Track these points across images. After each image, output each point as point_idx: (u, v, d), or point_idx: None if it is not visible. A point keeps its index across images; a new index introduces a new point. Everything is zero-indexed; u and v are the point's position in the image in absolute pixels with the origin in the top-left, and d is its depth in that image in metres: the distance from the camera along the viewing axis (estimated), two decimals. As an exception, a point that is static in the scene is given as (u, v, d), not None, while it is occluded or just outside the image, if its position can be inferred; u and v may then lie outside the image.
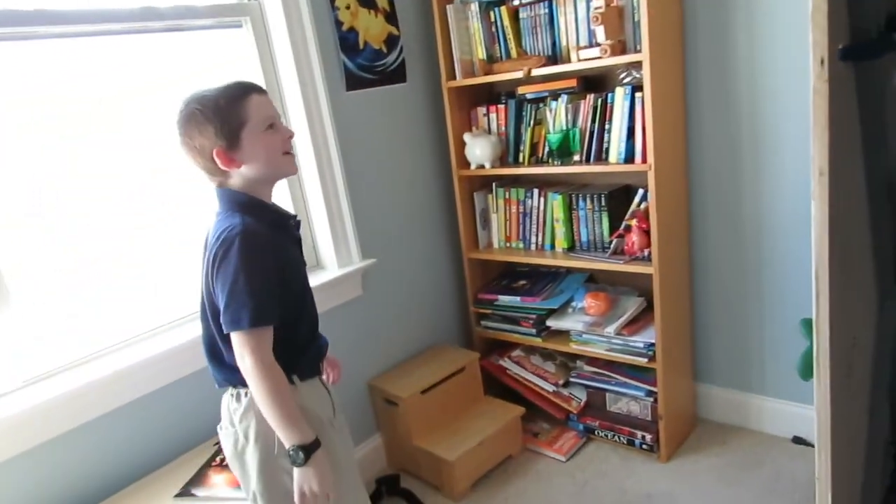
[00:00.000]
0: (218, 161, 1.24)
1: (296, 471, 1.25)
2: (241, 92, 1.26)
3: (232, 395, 1.35)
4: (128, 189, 1.82)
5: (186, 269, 1.86)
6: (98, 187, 1.76)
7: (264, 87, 1.26)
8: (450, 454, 2.20)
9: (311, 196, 2.21)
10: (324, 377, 1.54)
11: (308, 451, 1.23)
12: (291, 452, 1.23)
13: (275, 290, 1.24)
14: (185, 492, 1.64)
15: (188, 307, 1.88)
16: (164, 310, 1.89)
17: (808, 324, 1.11)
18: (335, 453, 1.35)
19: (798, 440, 2.26)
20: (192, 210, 1.90)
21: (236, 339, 1.22)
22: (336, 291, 2.25)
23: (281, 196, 2.16)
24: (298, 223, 1.43)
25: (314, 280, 2.15)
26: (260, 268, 1.22)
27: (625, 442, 2.36)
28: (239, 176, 1.28)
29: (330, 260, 2.26)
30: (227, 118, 1.23)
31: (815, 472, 0.99)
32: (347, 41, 2.19)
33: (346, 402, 2.23)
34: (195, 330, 1.52)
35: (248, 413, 1.31)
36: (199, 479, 1.67)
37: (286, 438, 1.24)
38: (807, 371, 1.08)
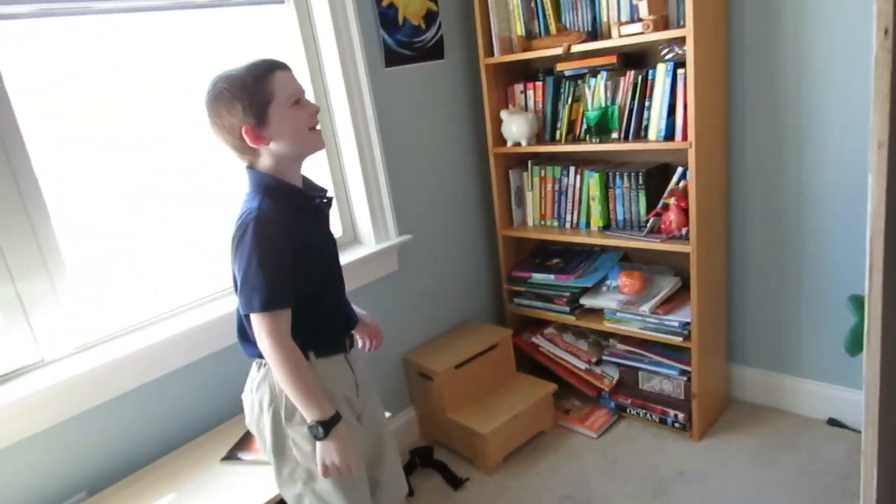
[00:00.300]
0: (247, 139, 1.25)
1: (318, 444, 1.29)
2: (267, 69, 1.26)
3: (255, 365, 1.40)
4: (180, 162, 1.86)
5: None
6: (148, 161, 1.81)
7: (305, 63, 1.27)
8: (483, 427, 2.23)
9: (350, 172, 2.24)
10: (361, 345, 1.59)
11: (327, 426, 1.27)
12: (312, 428, 1.27)
13: (287, 274, 1.25)
14: (231, 455, 1.70)
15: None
16: (212, 280, 1.94)
17: (856, 300, 1.11)
18: None
19: (833, 422, 2.24)
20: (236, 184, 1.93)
21: (254, 320, 1.26)
22: (373, 266, 2.28)
23: (319, 172, 2.19)
24: (329, 201, 1.43)
25: (351, 255, 2.20)
26: (272, 253, 1.24)
27: (657, 420, 2.37)
28: (268, 154, 1.29)
29: (367, 235, 2.29)
30: (254, 95, 1.24)
31: (861, 448, 1.00)
32: (387, 17, 2.20)
33: (380, 375, 2.30)
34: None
35: (263, 383, 1.36)
36: (244, 443, 1.73)
37: (307, 415, 1.28)
38: (855, 347, 1.07)
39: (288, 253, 1.26)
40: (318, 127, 1.34)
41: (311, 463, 1.34)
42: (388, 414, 1.66)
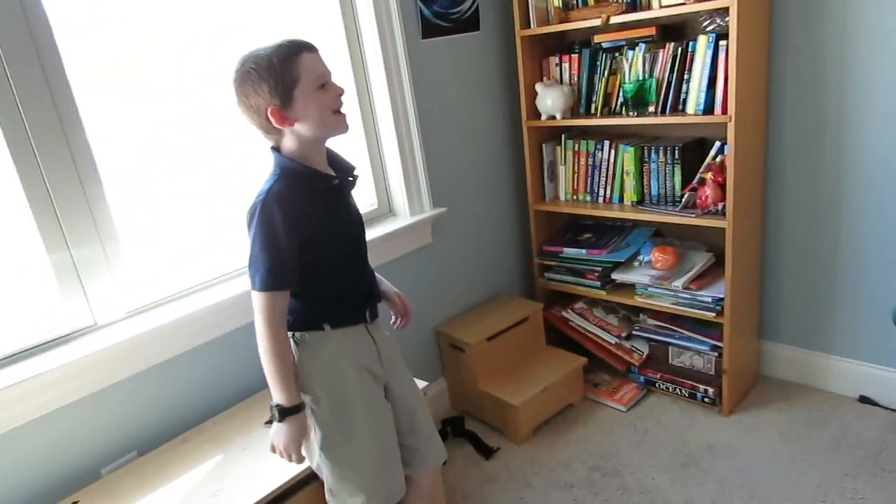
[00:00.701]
0: (272, 119, 1.27)
1: (273, 424, 1.36)
2: (294, 50, 1.27)
3: None
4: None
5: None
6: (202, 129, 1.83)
7: (344, 33, 1.26)
8: (514, 399, 2.27)
9: (387, 145, 2.25)
10: (392, 321, 1.63)
11: (284, 413, 1.33)
12: (272, 407, 1.35)
13: (288, 257, 1.29)
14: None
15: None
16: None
17: (907, 274, 1.11)
18: (350, 403, 1.41)
19: (864, 399, 2.25)
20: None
21: (252, 297, 1.32)
22: (407, 239, 2.31)
23: (356, 146, 2.21)
24: (353, 180, 1.45)
25: (386, 227, 2.23)
26: (275, 235, 1.27)
27: (686, 395, 2.39)
28: (292, 135, 1.32)
29: (402, 208, 2.31)
30: (280, 77, 1.25)
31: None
32: (424, -12, 2.19)
33: (412, 346, 2.33)
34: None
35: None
36: (286, 408, 1.78)
37: (274, 395, 1.34)
38: (905, 320, 1.08)
39: (294, 236, 1.29)
40: (342, 110, 1.35)
41: (322, 432, 1.40)
42: (421, 384, 1.70)
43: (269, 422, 1.73)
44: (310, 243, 1.33)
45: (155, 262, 1.80)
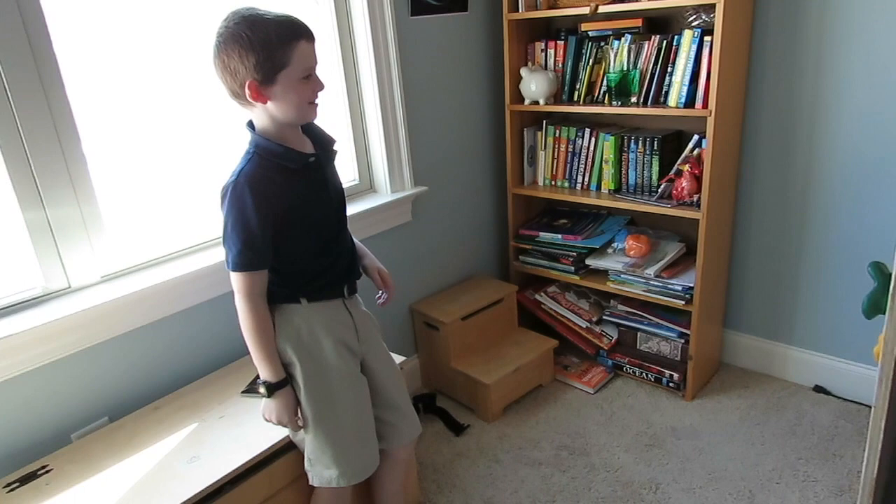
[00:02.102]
0: (247, 92, 1.25)
1: (263, 400, 1.41)
2: (294, 34, 1.25)
3: None
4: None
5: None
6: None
7: (332, 5, 1.24)
8: (487, 378, 2.31)
9: (371, 120, 2.24)
10: (377, 297, 1.63)
11: (271, 388, 1.38)
12: (259, 384, 1.39)
13: (260, 237, 1.30)
14: (251, 389, 1.75)
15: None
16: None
17: (876, 266, 1.17)
18: (326, 373, 1.43)
19: (819, 389, 2.36)
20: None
21: (230, 276, 1.34)
22: (387, 216, 2.31)
23: (340, 120, 2.19)
24: (331, 154, 1.45)
25: (366, 203, 2.22)
26: (247, 216, 1.28)
27: (652, 379, 2.46)
28: (262, 110, 1.30)
29: (383, 185, 2.31)
30: (272, 55, 1.23)
31: (873, 400, 1.07)
32: (415, -36, 2.17)
33: (387, 323, 2.34)
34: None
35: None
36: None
37: (261, 372, 1.39)
38: (872, 310, 1.14)
39: (266, 216, 1.29)
40: (317, 101, 1.34)
41: (300, 399, 1.43)
42: (396, 360, 1.71)
43: (246, 391, 1.75)
44: (283, 222, 1.33)
45: (133, 227, 1.77)
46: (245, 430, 1.58)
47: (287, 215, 1.33)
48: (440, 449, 2.23)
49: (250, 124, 1.36)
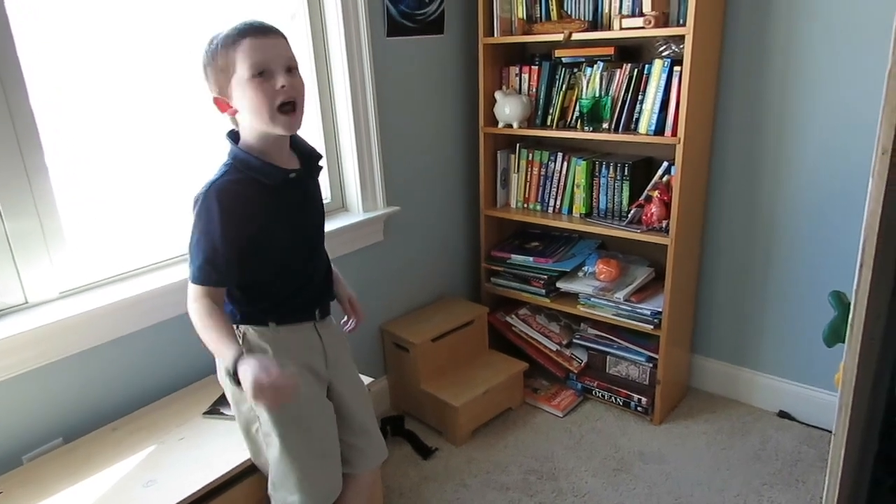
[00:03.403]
0: (216, 107, 1.28)
1: (243, 387, 1.21)
2: (237, 35, 1.20)
3: None
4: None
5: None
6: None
7: (308, 24, 1.19)
8: (455, 400, 2.29)
9: (344, 139, 2.23)
10: (344, 322, 1.60)
11: (231, 372, 1.20)
12: (228, 376, 1.23)
13: (222, 254, 1.24)
14: (213, 410, 1.71)
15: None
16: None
17: (836, 296, 1.19)
18: (296, 401, 1.31)
19: (783, 414, 2.39)
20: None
21: (188, 286, 1.29)
22: (358, 235, 2.30)
23: (313, 138, 2.18)
24: (314, 170, 1.40)
25: (338, 222, 2.21)
26: (212, 231, 1.23)
27: (620, 403, 2.47)
28: (241, 121, 1.29)
29: (355, 204, 2.30)
30: (219, 63, 1.22)
31: (834, 428, 1.08)
32: (392, -14, 2.19)
33: (357, 343, 2.31)
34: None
35: None
36: (225, 399, 1.73)
37: (222, 357, 1.25)
38: (832, 338, 1.16)
39: (234, 233, 1.25)
40: (288, 109, 1.23)
41: (265, 421, 1.36)
42: (364, 381, 1.69)
43: (209, 412, 1.70)
44: (253, 241, 1.29)
45: (95, 242, 1.73)
46: (205, 452, 1.54)
47: (257, 235, 1.29)
48: (407, 472, 2.19)
49: (231, 135, 1.33)
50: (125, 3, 1.69)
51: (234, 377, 1.20)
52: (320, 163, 1.43)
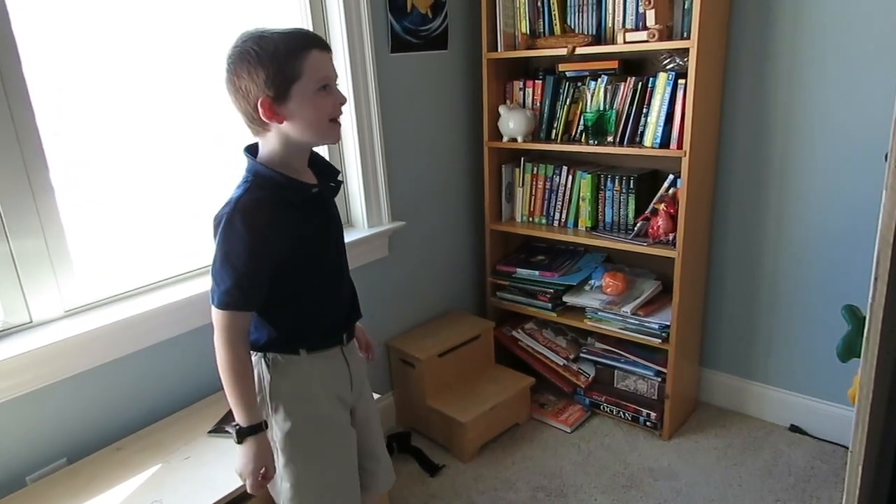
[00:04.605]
0: (261, 110, 1.17)
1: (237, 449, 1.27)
2: (304, 44, 1.18)
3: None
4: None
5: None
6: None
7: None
8: (462, 416, 2.27)
9: (349, 155, 2.23)
10: (355, 346, 1.52)
11: (243, 434, 1.25)
12: (232, 429, 1.27)
13: (254, 276, 1.21)
14: (218, 429, 1.69)
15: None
16: (207, 253, 1.91)
17: (849, 309, 1.18)
18: (320, 430, 1.35)
19: (795, 429, 2.36)
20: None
21: (212, 312, 1.23)
22: (363, 250, 2.29)
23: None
24: (335, 186, 1.36)
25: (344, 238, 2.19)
26: (240, 252, 1.18)
27: (629, 418, 2.44)
28: (277, 132, 1.22)
29: (360, 219, 2.29)
30: (282, 67, 1.15)
31: (850, 444, 1.06)
32: (396, 2, 2.20)
33: (370, 366, 2.29)
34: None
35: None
36: (231, 417, 1.71)
37: (236, 416, 1.26)
38: (847, 353, 1.14)
39: (263, 254, 1.20)
40: (339, 120, 1.26)
41: (287, 454, 1.33)
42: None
43: (214, 430, 1.69)
44: (282, 261, 1.23)
45: (100, 261, 1.72)
46: (211, 471, 1.53)
47: (287, 253, 1.24)
48: (413, 490, 2.17)
49: (249, 149, 1.27)
50: (132, 18, 1.70)
51: (238, 435, 1.24)
52: (338, 178, 1.39)
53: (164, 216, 1.84)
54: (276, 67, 1.16)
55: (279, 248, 1.23)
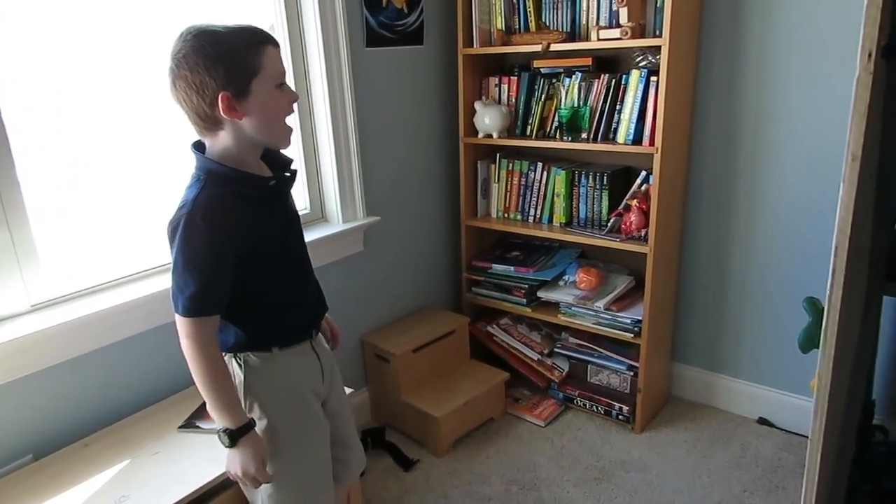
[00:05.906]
0: (221, 106, 1.13)
1: (227, 451, 1.25)
2: (259, 40, 1.16)
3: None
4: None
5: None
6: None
7: (286, 33, 1.18)
8: (436, 411, 2.27)
9: (323, 149, 2.23)
10: (322, 339, 1.52)
11: (235, 436, 1.22)
12: (220, 434, 1.24)
13: (217, 278, 1.18)
14: (189, 424, 1.68)
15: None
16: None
17: (811, 302, 1.21)
18: (297, 426, 1.34)
19: (763, 421, 2.40)
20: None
21: (177, 321, 1.20)
22: (338, 245, 2.28)
23: (291, 148, 2.16)
24: (291, 176, 1.33)
25: (318, 233, 2.19)
26: (202, 255, 1.15)
27: (602, 412, 2.47)
28: (231, 130, 1.18)
29: (335, 214, 2.28)
30: (242, 63, 1.13)
31: (810, 433, 1.09)
32: (371, -3, 2.20)
33: (337, 356, 2.28)
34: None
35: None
36: (202, 412, 1.71)
37: (217, 420, 1.24)
38: (807, 344, 1.17)
39: (225, 254, 1.17)
40: (290, 124, 1.25)
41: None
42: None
43: (184, 426, 1.67)
44: (245, 259, 1.20)
45: (67, 254, 1.69)
46: (181, 466, 1.51)
47: (249, 250, 1.21)
48: (388, 485, 2.17)
49: (197, 146, 1.23)
50: (96, 12, 1.67)
51: (230, 439, 1.22)
52: (293, 167, 1.36)
53: (131, 211, 1.81)
54: (236, 62, 1.13)
55: (243, 246, 1.19)
